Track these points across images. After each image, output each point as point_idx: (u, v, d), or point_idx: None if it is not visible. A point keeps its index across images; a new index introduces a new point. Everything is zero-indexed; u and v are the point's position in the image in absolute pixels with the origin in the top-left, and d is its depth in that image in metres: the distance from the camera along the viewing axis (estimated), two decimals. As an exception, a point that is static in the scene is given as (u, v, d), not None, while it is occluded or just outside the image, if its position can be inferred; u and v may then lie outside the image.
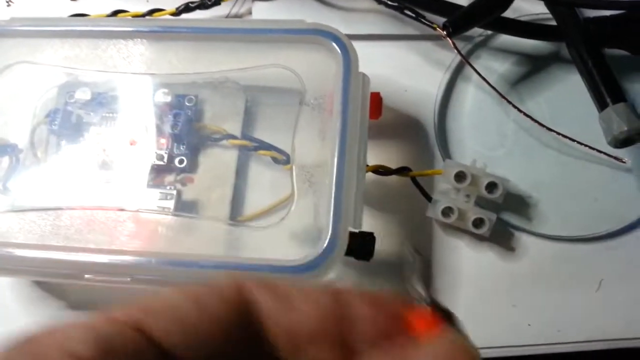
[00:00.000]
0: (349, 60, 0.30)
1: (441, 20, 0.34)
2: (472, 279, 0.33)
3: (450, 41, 0.32)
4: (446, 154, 0.35)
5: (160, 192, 0.34)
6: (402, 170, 0.33)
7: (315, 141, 0.32)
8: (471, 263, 0.33)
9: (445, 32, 0.32)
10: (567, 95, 0.35)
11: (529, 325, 0.32)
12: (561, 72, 0.36)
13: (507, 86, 0.36)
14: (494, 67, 0.36)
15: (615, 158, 0.33)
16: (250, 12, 0.39)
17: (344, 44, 0.31)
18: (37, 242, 0.30)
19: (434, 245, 0.34)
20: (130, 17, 0.38)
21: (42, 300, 0.35)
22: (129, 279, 0.29)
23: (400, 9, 0.34)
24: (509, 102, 0.34)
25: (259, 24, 0.33)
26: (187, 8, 0.38)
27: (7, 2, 0.43)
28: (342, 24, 0.38)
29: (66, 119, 0.34)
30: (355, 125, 0.29)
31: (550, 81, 0.36)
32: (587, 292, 0.32)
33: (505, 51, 0.37)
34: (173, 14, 0.39)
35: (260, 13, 0.39)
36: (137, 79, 0.34)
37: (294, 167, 0.31)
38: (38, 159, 0.34)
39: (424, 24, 0.34)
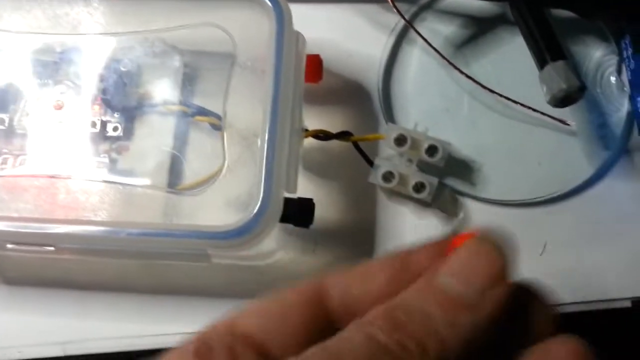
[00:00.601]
0: (281, 17, 0.29)
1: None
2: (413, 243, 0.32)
3: (392, 4, 0.31)
4: (390, 118, 0.34)
5: (96, 161, 0.32)
6: (343, 135, 0.32)
7: (249, 104, 0.30)
8: (415, 229, 0.33)
9: (386, -8, 0.31)
10: (512, 57, 0.34)
11: (473, 291, 0.31)
12: (507, 34, 0.35)
13: (452, 49, 0.35)
14: (440, 29, 0.35)
15: (560, 121, 0.32)
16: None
17: (277, 1, 0.29)
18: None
19: (377, 211, 0.33)
20: None
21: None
22: (52, 249, 0.27)
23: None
24: (453, 66, 0.33)
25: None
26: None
27: None
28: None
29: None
30: (288, 86, 0.28)
31: (495, 43, 0.35)
32: (532, 256, 0.32)
33: (451, 13, 0.36)
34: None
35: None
36: (66, 40, 0.33)
37: (225, 133, 0.30)
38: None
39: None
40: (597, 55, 0.34)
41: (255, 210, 0.27)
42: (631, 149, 0.33)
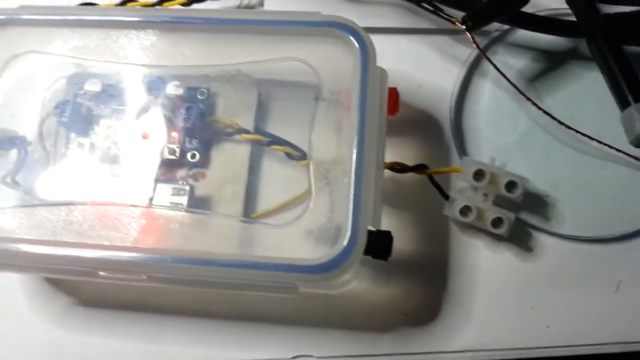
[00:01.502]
0: (366, 54, 0.30)
1: (459, 13, 0.33)
2: (490, 279, 0.32)
3: (469, 36, 0.32)
4: (462, 151, 0.34)
5: (173, 188, 0.33)
6: (419, 168, 0.32)
7: (332, 137, 0.31)
8: (488, 263, 0.33)
9: (464, 27, 0.31)
10: (584, 92, 0.35)
11: (547, 327, 0.31)
12: (579, 69, 0.35)
13: (524, 82, 0.35)
14: (511, 62, 0.36)
15: (635, 158, 0.32)
16: (262, 3, 0.39)
17: (362, 38, 0.30)
18: (49, 238, 0.29)
19: (451, 244, 0.33)
20: (141, 7, 0.37)
21: (52, 297, 0.34)
22: (144, 277, 0.28)
23: (417, 2, 0.33)
24: (528, 99, 0.33)
25: (274, 16, 0.32)
26: (198, -4, 0.38)
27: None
28: (355, 17, 0.37)
29: (76, 111, 0.33)
30: (374, 121, 0.29)
31: (567, 78, 0.35)
32: (606, 293, 0.32)
33: (522, 47, 0.36)
34: (184, 4, 0.38)
35: (273, 3, 0.38)
36: (149, 71, 0.33)
37: (311, 164, 0.30)
38: (47, 152, 0.33)
39: (442, 17, 0.33)
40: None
41: (344, 245, 0.27)
42: None
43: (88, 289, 0.34)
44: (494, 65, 0.33)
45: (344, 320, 0.33)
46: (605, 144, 0.32)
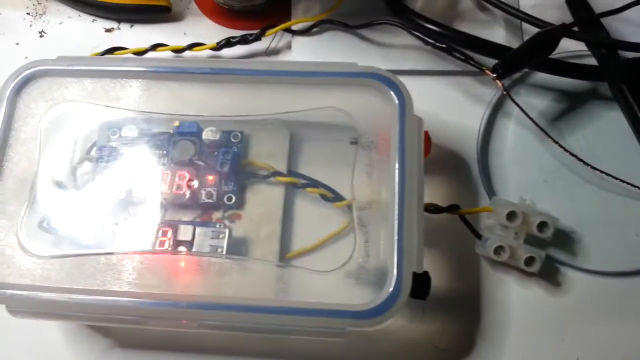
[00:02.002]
0: (404, 103, 0.31)
1: (485, 60, 0.35)
2: (521, 314, 0.34)
3: (499, 83, 0.33)
4: (490, 189, 0.36)
5: (212, 231, 0.34)
6: (452, 209, 0.33)
7: (366, 180, 0.32)
8: (519, 298, 0.34)
9: (495, 75, 0.33)
10: (605, 131, 0.36)
11: (578, 359, 0.33)
12: (598, 109, 0.37)
13: (546, 122, 0.37)
14: (534, 103, 0.37)
15: (656, 194, 0.34)
16: (289, 46, 0.40)
17: (399, 88, 0.31)
18: (98, 287, 0.29)
19: (482, 281, 0.34)
20: (184, 59, 0.38)
21: (90, 339, 0.35)
22: (196, 325, 0.29)
23: (448, 51, 0.35)
24: (552, 139, 0.35)
25: (311, 67, 0.33)
26: (228, 43, 0.39)
27: (40, 33, 0.42)
28: (381, 60, 0.38)
29: (113, 156, 0.34)
30: (414, 167, 0.30)
31: (588, 117, 0.37)
32: (634, 326, 0.33)
33: (543, 87, 0.38)
34: (214, 49, 0.39)
35: (300, 47, 0.39)
36: (186, 119, 0.34)
37: (354, 208, 0.31)
38: (83, 196, 0.34)
39: (473, 65, 0.34)
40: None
41: (390, 290, 0.28)
42: None
43: (125, 331, 0.34)
44: (521, 108, 0.34)
45: (384, 357, 0.33)
46: (627, 182, 0.34)
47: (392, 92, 0.31)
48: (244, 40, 0.38)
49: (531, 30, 0.36)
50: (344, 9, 0.39)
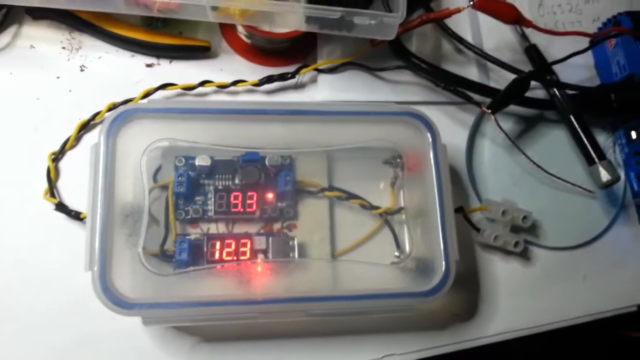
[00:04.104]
0: (434, 134, 0.42)
1: (476, 96, 0.47)
2: (505, 282, 0.46)
3: (493, 118, 0.45)
4: (477, 193, 0.48)
5: (283, 240, 0.42)
6: (459, 210, 0.45)
7: (387, 190, 0.43)
8: (504, 271, 0.47)
9: (490, 111, 0.44)
10: (551, 145, 0.50)
11: (545, 310, 0.46)
12: (546, 129, 0.50)
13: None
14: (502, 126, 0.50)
15: (588, 191, 0.48)
16: (314, 81, 0.48)
17: (430, 124, 0.42)
18: (215, 293, 0.37)
19: (477, 261, 0.47)
20: (267, 102, 0.46)
21: (177, 338, 0.41)
22: (304, 314, 0.37)
23: (454, 92, 0.46)
24: (521, 151, 0.47)
25: (359, 107, 0.42)
26: (269, 79, 0.46)
27: (81, 67, 0.46)
28: (390, 93, 0.48)
29: (192, 182, 0.42)
30: (447, 180, 0.41)
31: (539, 136, 0.50)
32: (580, 283, 0.47)
33: (508, 114, 0.50)
34: (255, 85, 0.46)
35: (325, 83, 0.48)
36: (253, 150, 0.42)
37: (405, 213, 0.42)
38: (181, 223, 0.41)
39: (473, 103, 0.46)
40: (601, 141, 0.51)
41: (442, 274, 0.39)
42: (627, 205, 0.50)
43: (209, 327, 0.42)
44: (503, 131, 0.47)
45: (413, 325, 0.44)
46: (570, 182, 0.48)
47: (423, 125, 0.42)
48: (281, 78, 0.46)
49: (493, 67, 0.49)
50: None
